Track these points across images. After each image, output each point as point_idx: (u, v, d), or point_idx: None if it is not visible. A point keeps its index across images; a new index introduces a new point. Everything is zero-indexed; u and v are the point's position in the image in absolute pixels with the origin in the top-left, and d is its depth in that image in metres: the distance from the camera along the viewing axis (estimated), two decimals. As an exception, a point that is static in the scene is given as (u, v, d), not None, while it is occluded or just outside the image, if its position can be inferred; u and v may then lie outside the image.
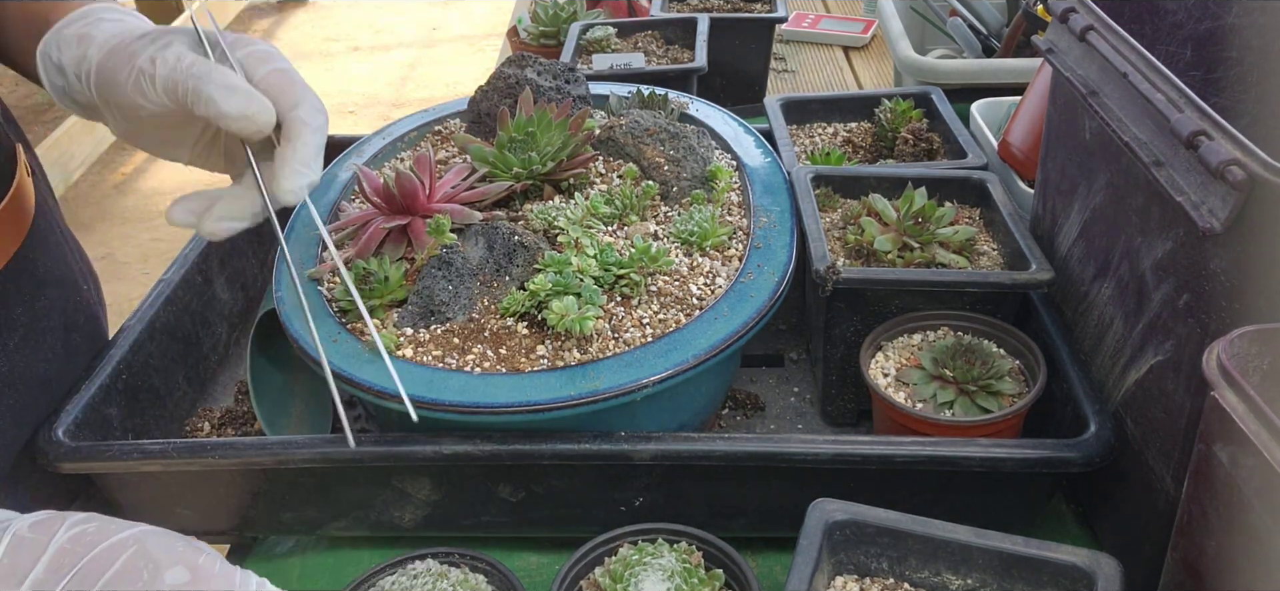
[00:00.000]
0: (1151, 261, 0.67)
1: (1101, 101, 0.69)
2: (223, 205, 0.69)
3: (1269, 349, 0.52)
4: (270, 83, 0.67)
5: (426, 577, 0.67)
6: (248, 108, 0.65)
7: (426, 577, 0.67)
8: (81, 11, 0.74)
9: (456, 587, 0.66)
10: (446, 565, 0.69)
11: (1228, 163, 0.55)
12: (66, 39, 0.72)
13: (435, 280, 0.77)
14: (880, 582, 0.62)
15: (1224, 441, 0.50)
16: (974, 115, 1.15)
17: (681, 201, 0.88)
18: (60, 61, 0.72)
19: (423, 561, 0.69)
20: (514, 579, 0.67)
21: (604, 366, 0.71)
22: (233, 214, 0.69)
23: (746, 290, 0.77)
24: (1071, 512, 0.81)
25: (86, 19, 0.73)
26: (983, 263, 0.84)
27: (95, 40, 0.71)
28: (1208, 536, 0.53)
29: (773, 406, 0.90)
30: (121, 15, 0.74)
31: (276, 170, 0.66)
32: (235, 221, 0.69)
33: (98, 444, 0.78)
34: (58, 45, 0.72)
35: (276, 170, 0.66)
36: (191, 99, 0.65)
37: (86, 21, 0.73)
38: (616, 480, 0.75)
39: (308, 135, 0.66)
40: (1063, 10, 0.75)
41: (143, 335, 0.86)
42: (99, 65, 0.69)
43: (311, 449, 0.74)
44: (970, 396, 0.75)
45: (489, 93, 0.96)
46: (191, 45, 0.69)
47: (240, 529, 0.81)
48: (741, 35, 1.42)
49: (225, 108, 0.64)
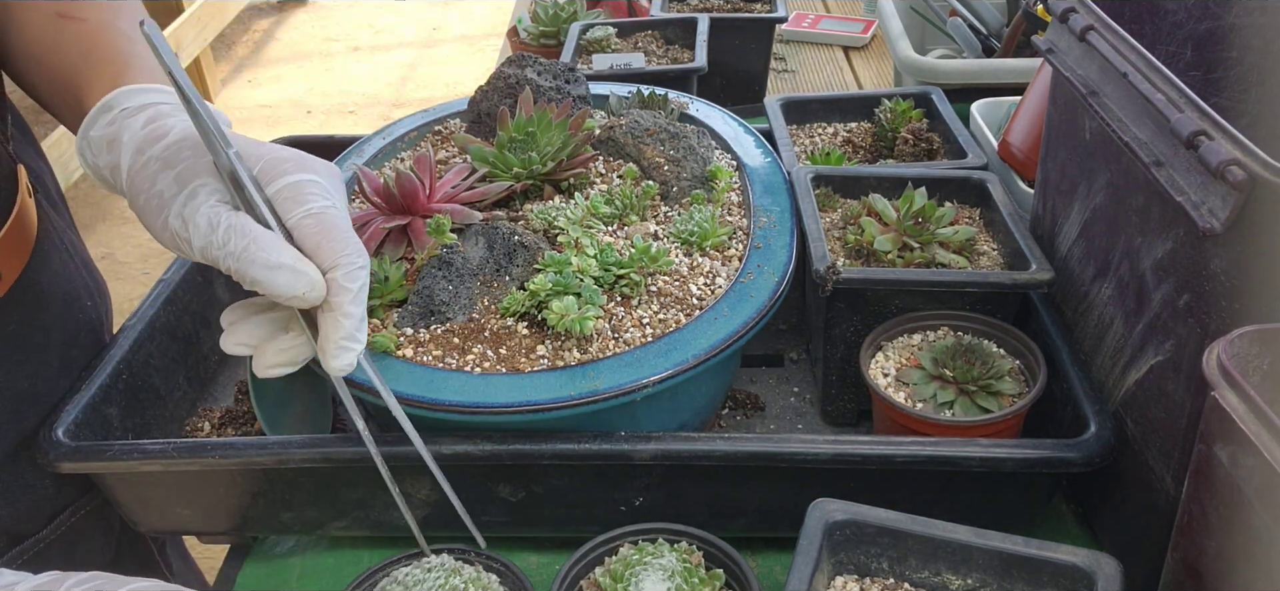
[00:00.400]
0: (1151, 261, 0.67)
1: (1101, 101, 0.69)
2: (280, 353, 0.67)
3: (1269, 349, 0.52)
4: (305, 232, 0.63)
5: (440, 572, 0.67)
6: (297, 288, 0.62)
7: (440, 572, 0.67)
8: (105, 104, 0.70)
9: (470, 585, 0.66)
10: (460, 562, 0.69)
11: (1228, 163, 0.55)
12: (97, 142, 0.70)
13: (435, 280, 0.77)
14: (880, 582, 0.62)
15: (1224, 441, 0.50)
16: (974, 115, 1.15)
17: (681, 201, 0.88)
18: (94, 165, 0.70)
19: (438, 556, 0.69)
20: (525, 580, 0.67)
21: (604, 366, 0.71)
22: (287, 362, 0.67)
23: (746, 290, 0.77)
24: (1071, 512, 0.81)
25: (111, 113, 0.70)
26: (983, 263, 0.84)
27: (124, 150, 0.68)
28: (1208, 536, 0.53)
29: (773, 406, 0.90)
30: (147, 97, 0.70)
31: (321, 345, 0.64)
32: (288, 369, 0.68)
33: (98, 444, 0.78)
34: (90, 147, 0.70)
35: (321, 345, 0.64)
36: (236, 274, 0.62)
37: (112, 117, 0.69)
38: (616, 480, 0.75)
39: (348, 304, 0.63)
40: (1063, 10, 0.75)
41: (143, 335, 0.86)
42: (130, 194, 0.67)
43: (311, 449, 0.74)
44: (970, 396, 0.75)
45: (489, 93, 0.96)
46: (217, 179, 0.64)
47: (240, 529, 0.81)
48: (741, 35, 1.41)
49: (276, 291, 0.62)
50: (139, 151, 0.67)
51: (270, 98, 4.10)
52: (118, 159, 0.68)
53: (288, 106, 4.01)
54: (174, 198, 0.64)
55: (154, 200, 0.65)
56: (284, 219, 0.64)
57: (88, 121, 0.70)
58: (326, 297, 0.63)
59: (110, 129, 0.69)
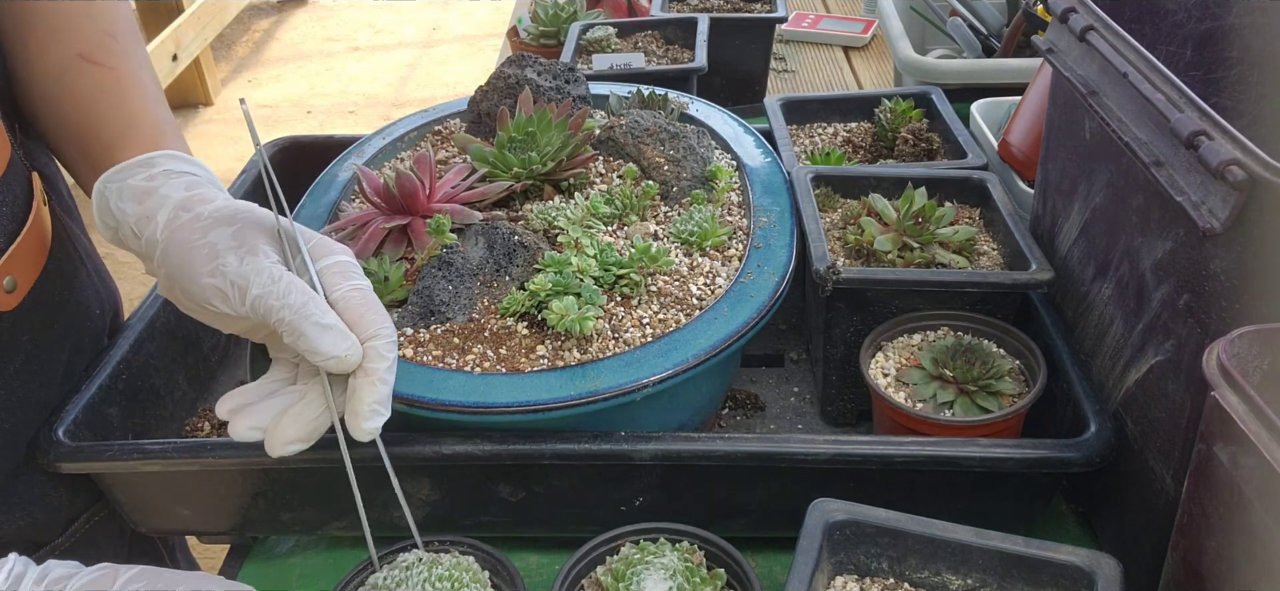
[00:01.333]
0: (1151, 261, 0.67)
1: (1101, 101, 0.69)
2: (292, 427, 0.66)
3: (1269, 349, 0.52)
4: (350, 303, 0.66)
5: (418, 567, 0.67)
6: (340, 350, 0.63)
7: (418, 567, 0.67)
8: (147, 159, 0.72)
9: (451, 572, 0.66)
10: (436, 553, 0.69)
11: (1228, 163, 0.55)
12: (129, 191, 0.70)
13: (435, 280, 0.77)
14: (880, 582, 0.62)
15: (1224, 441, 0.50)
16: (974, 115, 1.15)
17: (681, 201, 0.88)
18: (119, 210, 0.70)
19: (408, 551, 0.69)
20: (507, 563, 0.67)
21: (604, 366, 0.71)
22: (302, 436, 0.66)
23: (746, 290, 0.77)
24: (1071, 512, 0.81)
25: (152, 170, 0.71)
26: (983, 263, 0.84)
27: (164, 204, 0.69)
28: (1208, 536, 0.53)
29: (773, 406, 0.90)
30: (187, 168, 0.72)
31: (353, 405, 0.65)
32: (304, 444, 0.67)
33: (98, 444, 0.78)
34: (120, 193, 0.71)
35: (353, 405, 0.65)
36: (284, 330, 0.63)
37: (153, 176, 0.71)
38: (617, 480, 0.75)
39: (383, 371, 0.65)
40: (1063, 10, 0.75)
41: (143, 335, 0.86)
42: (166, 240, 0.67)
43: (311, 449, 0.74)
44: (970, 396, 0.75)
45: (489, 93, 0.96)
46: (273, 243, 0.67)
47: (240, 529, 0.81)
48: (741, 35, 1.42)
49: (321, 349, 0.63)
50: (184, 207, 0.68)
51: (270, 98, 4.10)
52: (153, 211, 0.69)
53: (288, 106, 4.01)
54: (229, 250, 0.65)
55: (203, 250, 0.66)
56: (329, 291, 0.66)
57: (125, 169, 0.71)
58: (364, 364, 0.65)
59: (150, 183, 0.71)
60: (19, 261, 0.76)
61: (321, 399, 0.66)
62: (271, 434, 0.66)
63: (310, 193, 0.94)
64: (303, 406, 0.67)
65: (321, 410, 0.66)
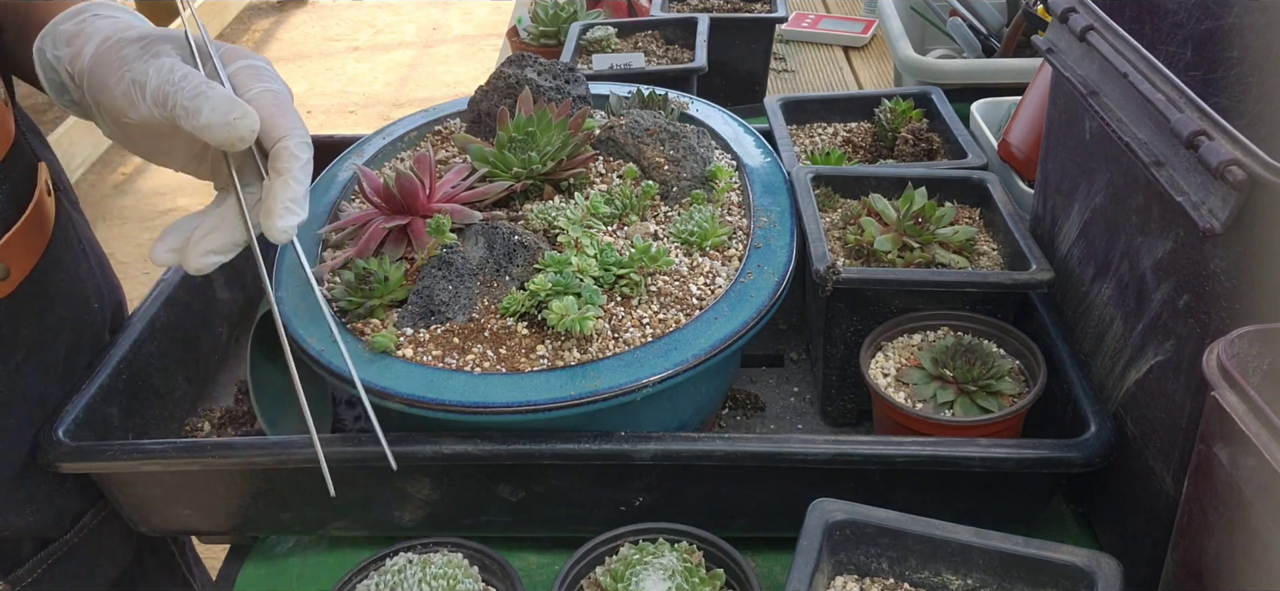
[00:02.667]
0: (1151, 261, 0.67)
1: (1101, 101, 0.69)
2: (206, 240, 0.67)
3: (1269, 349, 0.52)
4: (262, 103, 0.65)
5: (409, 570, 0.67)
6: (228, 114, 0.62)
7: (409, 570, 0.67)
8: (78, 8, 0.73)
9: (444, 569, 0.66)
10: (426, 554, 0.69)
11: (1228, 163, 0.55)
12: (61, 35, 0.72)
13: (435, 280, 0.77)
14: (880, 582, 0.62)
15: (1224, 441, 0.50)
16: (974, 115, 1.15)
17: (681, 201, 0.88)
18: (55, 57, 0.72)
19: (395, 556, 0.69)
20: (505, 564, 0.67)
21: (604, 366, 0.71)
22: (216, 247, 0.67)
23: (746, 290, 0.77)
24: (1071, 512, 0.81)
25: (82, 16, 0.72)
26: (983, 263, 0.84)
27: (90, 39, 0.70)
28: (1208, 537, 0.53)
29: (773, 406, 0.90)
30: (116, 13, 0.74)
31: (267, 205, 0.65)
32: (219, 255, 0.67)
33: (98, 444, 0.78)
34: (53, 41, 0.72)
35: (267, 205, 0.65)
36: (181, 116, 0.63)
37: (81, 18, 0.72)
38: (616, 480, 0.75)
39: (297, 170, 0.65)
40: (1063, 10, 0.75)
41: (143, 335, 0.86)
42: (91, 67, 0.68)
43: (311, 449, 0.74)
44: (970, 396, 0.75)
45: (489, 93, 0.96)
46: (183, 55, 0.68)
47: (240, 528, 0.81)
48: (741, 35, 1.41)
49: (205, 116, 0.62)
50: (107, 38, 0.69)
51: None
52: (81, 48, 0.70)
53: (288, 106, 4.00)
54: (136, 58, 0.66)
55: (117, 66, 0.66)
56: (240, 93, 0.66)
57: (58, 20, 0.73)
58: (276, 165, 0.65)
59: (79, 26, 0.72)
60: (14, 249, 0.76)
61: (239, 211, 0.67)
62: (187, 249, 0.66)
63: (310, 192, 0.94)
64: (219, 217, 0.67)
65: (235, 221, 0.67)
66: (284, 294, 0.80)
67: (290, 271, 0.81)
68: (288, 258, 0.83)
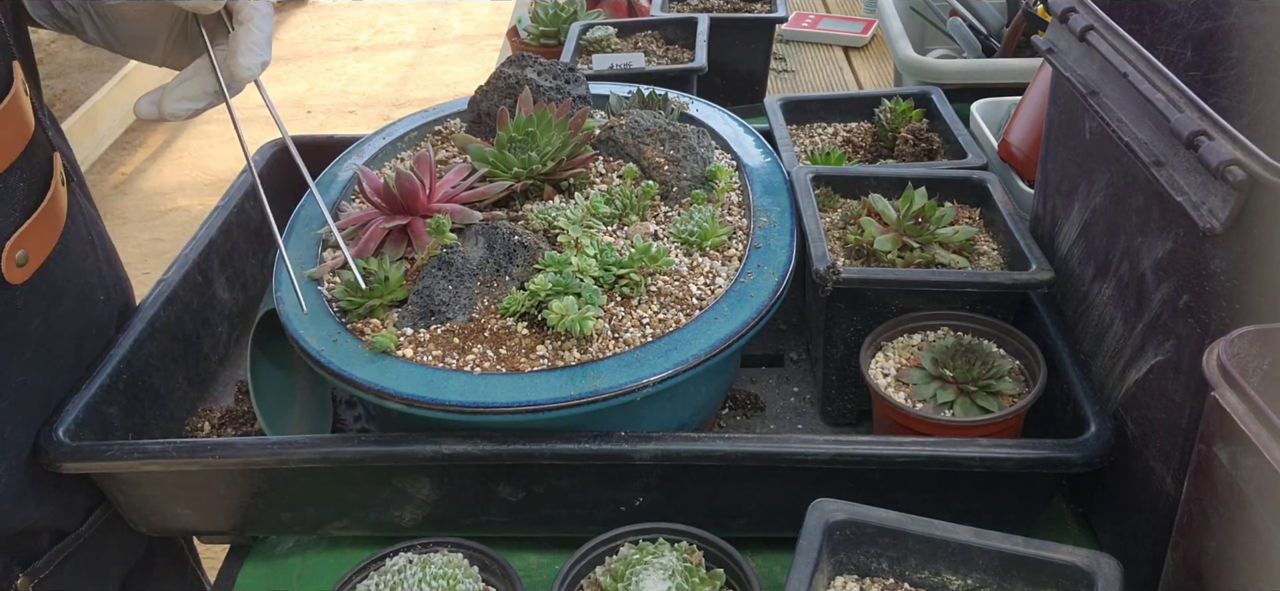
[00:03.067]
0: (1151, 261, 0.67)
1: (1101, 101, 0.69)
2: (181, 88, 0.75)
3: (1269, 349, 0.52)
4: None
5: (409, 570, 0.67)
6: None
7: (409, 570, 0.67)
8: None
9: (444, 570, 0.66)
10: (426, 554, 0.69)
11: (1228, 163, 0.55)
12: None
13: (435, 280, 0.77)
14: (880, 582, 0.62)
15: (1224, 441, 0.50)
16: (974, 115, 1.15)
17: (681, 201, 0.88)
18: None
19: (395, 556, 0.69)
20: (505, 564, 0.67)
21: (604, 366, 0.71)
22: (190, 94, 0.75)
23: (746, 290, 0.77)
24: (1071, 512, 0.81)
25: None
26: (983, 263, 0.84)
27: None
28: (1208, 536, 0.53)
29: (773, 406, 0.90)
30: None
31: (232, 51, 0.72)
32: (192, 102, 0.75)
33: (98, 444, 0.78)
34: None
35: (232, 51, 0.72)
36: None
37: None
38: (617, 480, 0.75)
39: (259, 19, 0.73)
40: (1063, 10, 0.75)
41: (143, 335, 0.86)
42: None
43: (311, 449, 0.74)
44: (970, 396, 0.75)
45: (489, 93, 0.96)
46: None
47: (240, 529, 0.81)
48: (741, 35, 1.41)
49: None
50: None
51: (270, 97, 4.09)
52: None
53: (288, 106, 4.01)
54: None
55: None
56: None
57: None
58: (239, 17, 0.73)
59: None
60: (33, 236, 0.77)
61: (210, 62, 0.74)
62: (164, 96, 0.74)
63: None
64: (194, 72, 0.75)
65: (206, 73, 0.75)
66: (284, 294, 0.80)
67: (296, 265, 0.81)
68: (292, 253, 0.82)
